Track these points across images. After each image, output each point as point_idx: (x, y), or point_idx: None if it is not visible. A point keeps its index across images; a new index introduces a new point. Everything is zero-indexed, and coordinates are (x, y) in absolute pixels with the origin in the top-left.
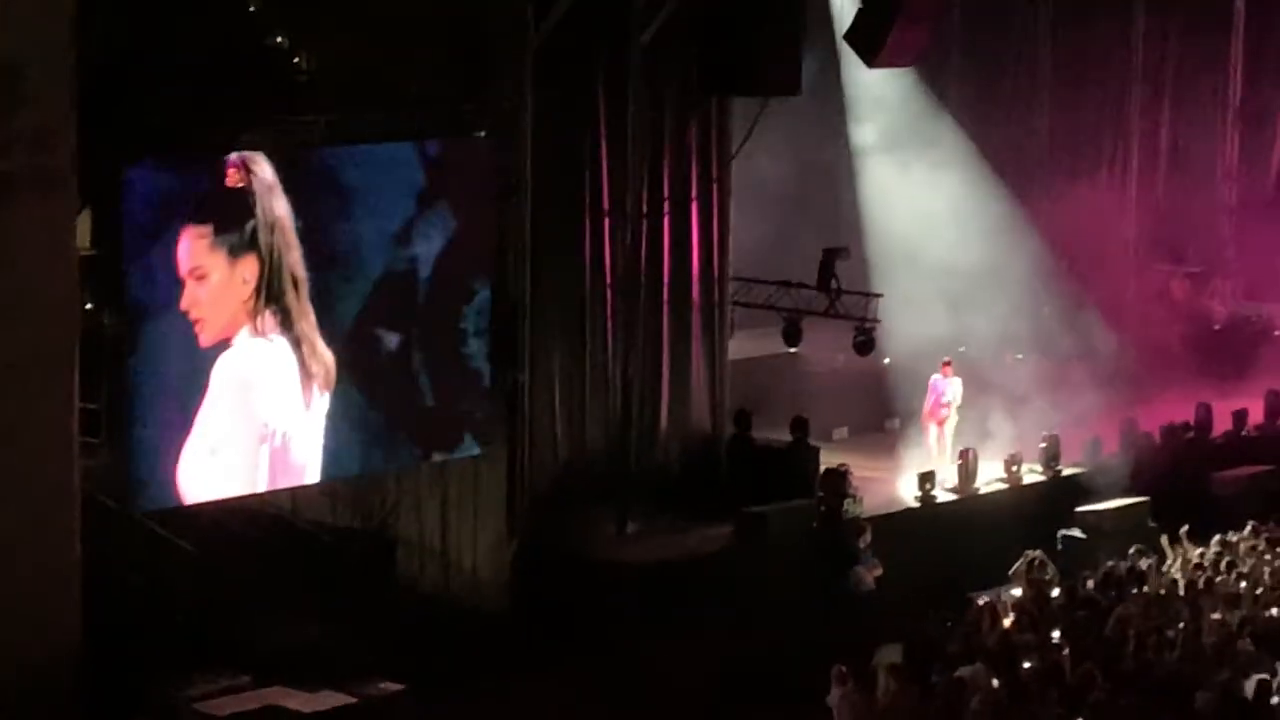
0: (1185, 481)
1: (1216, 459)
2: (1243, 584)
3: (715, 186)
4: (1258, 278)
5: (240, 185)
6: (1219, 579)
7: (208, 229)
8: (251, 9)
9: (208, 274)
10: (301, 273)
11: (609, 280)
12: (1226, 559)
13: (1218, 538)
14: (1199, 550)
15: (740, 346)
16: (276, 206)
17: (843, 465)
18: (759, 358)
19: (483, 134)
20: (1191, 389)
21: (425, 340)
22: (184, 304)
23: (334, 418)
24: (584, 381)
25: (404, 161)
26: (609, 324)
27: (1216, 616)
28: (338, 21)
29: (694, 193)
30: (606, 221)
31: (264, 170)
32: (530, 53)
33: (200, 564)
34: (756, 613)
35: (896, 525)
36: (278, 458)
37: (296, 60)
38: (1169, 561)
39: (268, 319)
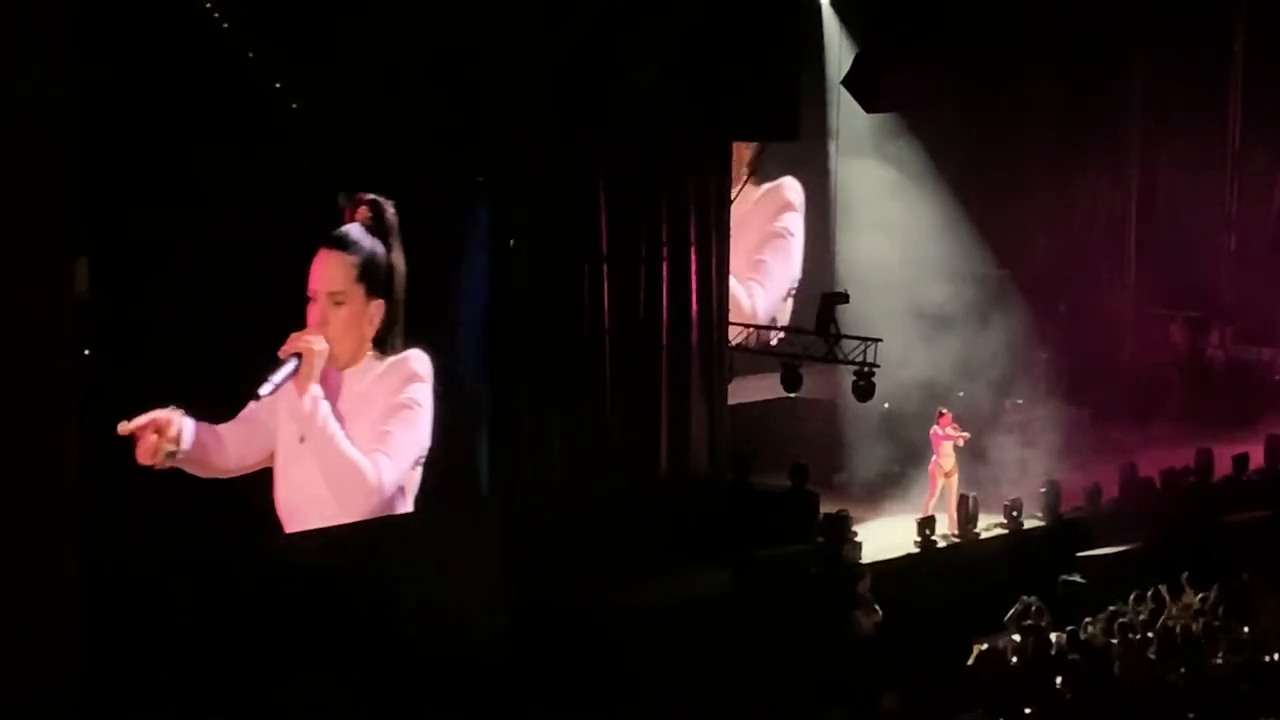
0: (1186, 527)
1: (1218, 504)
2: (1244, 629)
3: (713, 230)
4: (1257, 322)
5: (370, 225)
6: (1219, 624)
7: (354, 259)
8: (251, 55)
9: (345, 302)
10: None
11: (607, 325)
12: (1227, 604)
13: (1219, 583)
14: (1200, 595)
15: (739, 391)
16: (397, 254)
17: (842, 510)
18: (758, 403)
19: (481, 179)
20: (1192, 434)
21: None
22: (314, 319)
23: None
24: (582, 427)
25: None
26: (607, 369)
27: (1218, 662)
28: (334, 66)
29: (692, 237)
30: (605, 266)
31: (390, 215)
32: (528, 97)
33: (195, 613)
34: (755, 658)
35: (897, 571)
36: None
37: (294, 105)
38: (1170, 607)
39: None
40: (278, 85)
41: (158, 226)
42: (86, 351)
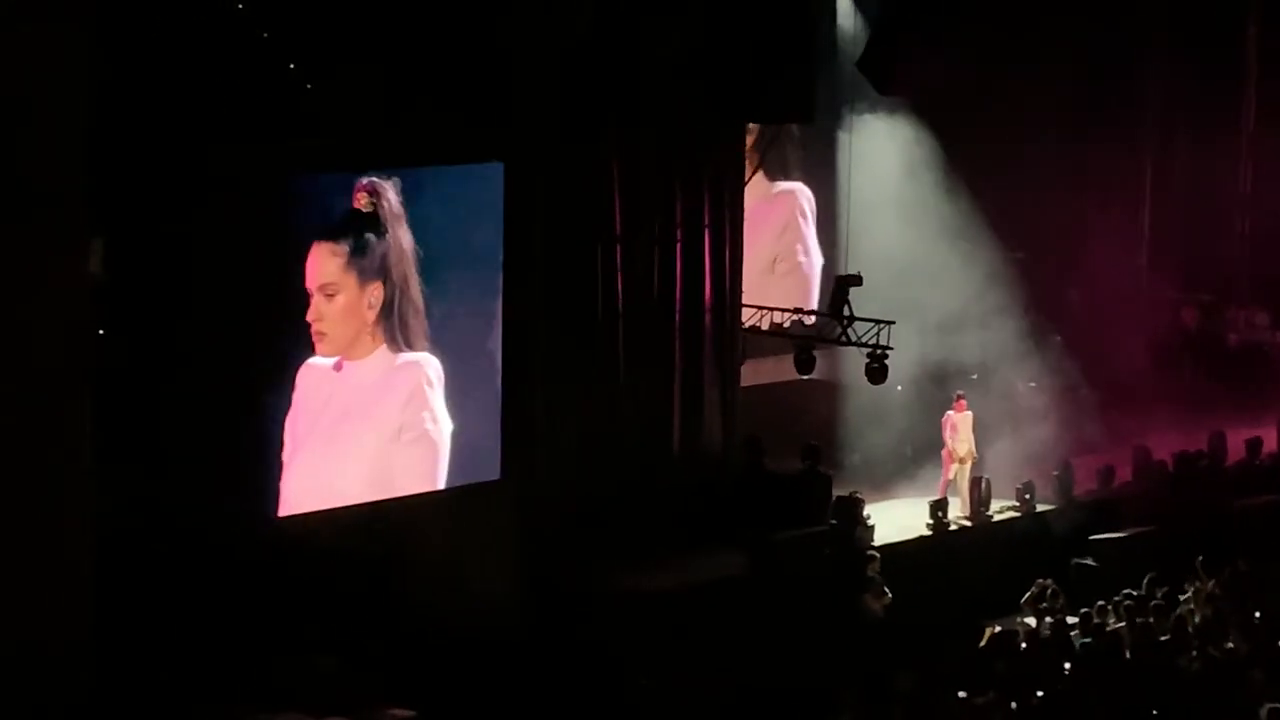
0: (1199, 510)
1: (1230, 487)
2: (1256, 614)
3: (727, 212)
4: (1270, 305)
5: (369, 210)
6: (1232, 608)
7: (343, 248)
8: (265, 35)
9: (338, 293)
10: (420, 301)
11: (621, 307)
12: (1238, 589)
13: (1230, 567)
14: (1212, 579)
15: (752, 373)
16: (402, 234)
17: (855, 492)
18: (771, 385)
19: (497, 160)
20: (1205, 417)
21: (448, 367)
22: (310, 315)
23: None
24: (596, 408)
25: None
26: (621, 351)
27: (1230, 645)
28: (354, 47)
29: (706, 219)
30: (619, 248)
31: (391, 197)
32: (545, 79)
33: (211, 591)
34: (767, 640)
35: (909, 553)
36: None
37: (310, 86)
38: (1183, 591)
39: (398, 342)
40: (292, 66)
41: (172, 209)
42: (100, 331)
